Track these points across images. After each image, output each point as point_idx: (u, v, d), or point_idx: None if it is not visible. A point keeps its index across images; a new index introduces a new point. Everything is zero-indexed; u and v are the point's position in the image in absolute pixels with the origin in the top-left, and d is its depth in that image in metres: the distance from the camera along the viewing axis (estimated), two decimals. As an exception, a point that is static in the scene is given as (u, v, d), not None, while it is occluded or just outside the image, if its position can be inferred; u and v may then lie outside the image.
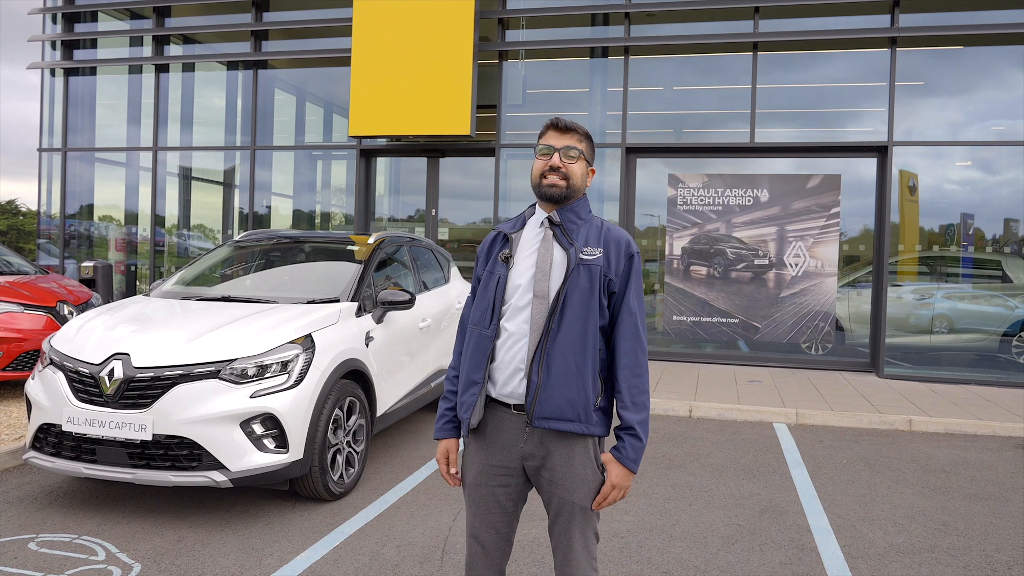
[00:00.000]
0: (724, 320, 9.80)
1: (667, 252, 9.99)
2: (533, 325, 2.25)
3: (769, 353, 9.90)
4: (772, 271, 9.66)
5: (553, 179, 2.30)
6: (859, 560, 3.97)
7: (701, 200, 9.84)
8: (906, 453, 6.15)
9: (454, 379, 2.48)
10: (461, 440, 2.46)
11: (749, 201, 9.70)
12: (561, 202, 2.33)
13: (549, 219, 2.33)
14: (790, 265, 9.59)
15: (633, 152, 10.12)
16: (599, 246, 2.29)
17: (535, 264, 2.28)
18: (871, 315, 9.61)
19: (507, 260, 2.33)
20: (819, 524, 4.48)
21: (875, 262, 9.56)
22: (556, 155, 2.31)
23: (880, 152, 9.45)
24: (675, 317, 9.94)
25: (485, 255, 2.44)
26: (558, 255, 2.29)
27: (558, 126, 2.34)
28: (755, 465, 5.68)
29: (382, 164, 11.55)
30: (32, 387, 4.51)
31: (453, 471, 2.46)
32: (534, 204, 2.44)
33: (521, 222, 2.42)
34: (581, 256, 2.26)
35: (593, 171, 2.40)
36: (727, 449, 6.13)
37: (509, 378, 2.28)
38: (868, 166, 9.68)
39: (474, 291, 2.46)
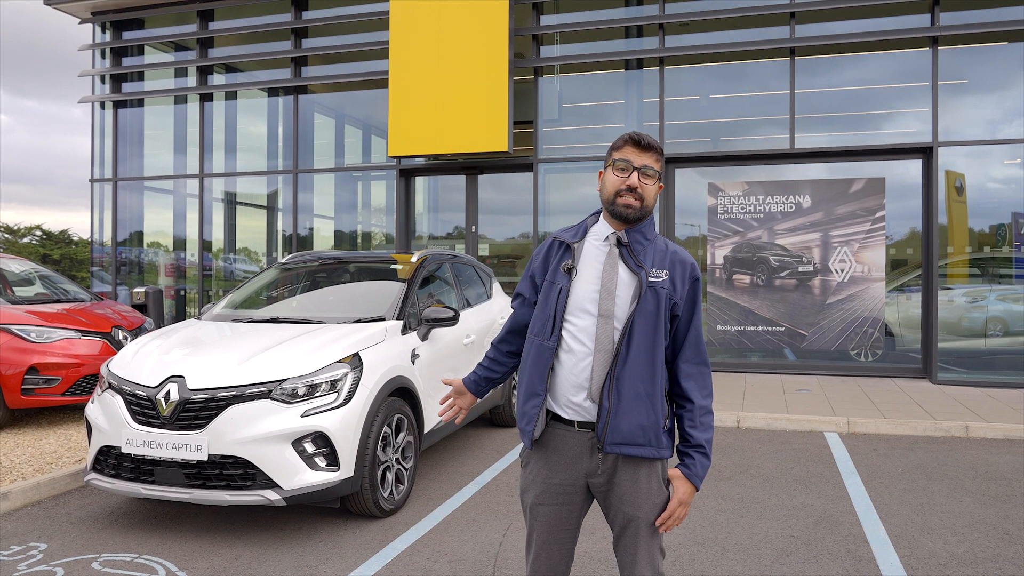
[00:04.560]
0: (769, 329, 9.67)
1: (709, 261, 9.91)
2: (598, 345, 2.20)
3: (817, 361, 9.74)
4: (817, 278, 9.52)
5: (628, 199, 2.23)
6: (919, 571, 3.88)
7: (742, 208, 9.76)
8: (964, 460, 5.99)
9: (498, 345, 2.55)
10: (520, 455, 2.45)
11: (791, 207, 9.59)
12: (633, 223, 2.28)
13: (617, 238, 2.27)
14: (836, 271, 9.44)
15: (671, 162, 10.08)
16: (664, 268, 2.25)
17: (599, 280, 2.23)
18: (922, 319, 9.40)
19: (569, 272, 2.27)
20: (876, 535, 4.39)
21: (924, 265, 9.36)
22: (635, 175, 2.23)
23: (925, 153, 9.28)
24: (719, 327, 9.84)
25: (542, 261, 2.38)
26: (624, 275, 2.24)
27: (640, 143, 2.24)
28: (807, 475, 5.59)
29: (421, 183, 11.69)
30: (92, 411, 4.65)
31: (455, 407, 2.60)
32: (597, 213, 2.38)
33: (583, 231, 2.34)
34: (650, 279, 2.22)
35: (661, 187, 2.33)
36: (777, 459, 6.04)
37: (571, 394, 2.25)
38: (911, 168, 9.51)
39: (523, 288, 2.44)
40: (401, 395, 4.94)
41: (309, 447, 4.24)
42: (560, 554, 2.37)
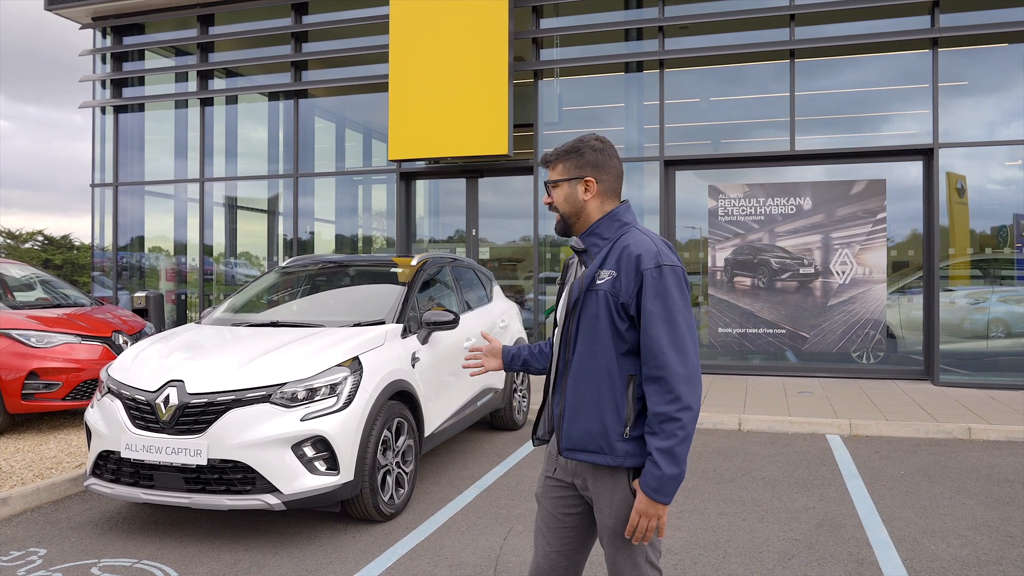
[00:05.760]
0: (771, 331, 9.66)
1: (710, 264, 9.90)
2: (555, 354, 2.33)
3: (818, 363, 9.72)
4: (818, 280, 9.51)
5: (556, 218, 2.37)
6: (922, 574, 3.86)
7: (742, 210, 9.75)
8: (966, 463, 5.97)
9: (544, 345, 2.62)
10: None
11: (792, 209, 9.58)
12: (568, 233, 2.36)
13: (574, 247, 2.32)
14: (837, 273, 9.43)
15: (672, 164, 10.08)
16: (613, 267, 2.16)
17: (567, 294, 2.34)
18: (924, 321, 9.38)
19: (563, 287, 2.40)
20: (879, 537, 4.37)
21: (925, 267, 9.35)
22: (546, 195, 2.37)
23: (925, 155, 9.27)
24: (720, 329, 9.83)
25: (561, 277, 2.53)
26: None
27: (541, 161, 2.39)
28: (809, 478, 5.57)
29: (421, 186, 11.69)
30: (91, 415, 4.64)
31: (480, 362, 2.67)
32: None
33: None
34: (595, 282, 2.18)
35: (589, 181, 2.24)
36: (779, 462, 6.02)
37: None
38: (911, 169, 9.50)
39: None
40: (401, 399, 4.93)
41: (309, 451, 4.23)
42: (558, 556, 2.34)
